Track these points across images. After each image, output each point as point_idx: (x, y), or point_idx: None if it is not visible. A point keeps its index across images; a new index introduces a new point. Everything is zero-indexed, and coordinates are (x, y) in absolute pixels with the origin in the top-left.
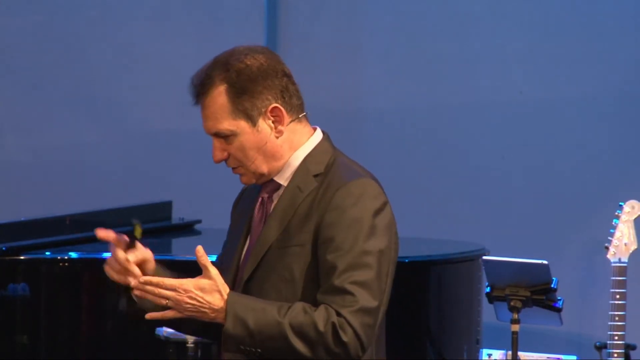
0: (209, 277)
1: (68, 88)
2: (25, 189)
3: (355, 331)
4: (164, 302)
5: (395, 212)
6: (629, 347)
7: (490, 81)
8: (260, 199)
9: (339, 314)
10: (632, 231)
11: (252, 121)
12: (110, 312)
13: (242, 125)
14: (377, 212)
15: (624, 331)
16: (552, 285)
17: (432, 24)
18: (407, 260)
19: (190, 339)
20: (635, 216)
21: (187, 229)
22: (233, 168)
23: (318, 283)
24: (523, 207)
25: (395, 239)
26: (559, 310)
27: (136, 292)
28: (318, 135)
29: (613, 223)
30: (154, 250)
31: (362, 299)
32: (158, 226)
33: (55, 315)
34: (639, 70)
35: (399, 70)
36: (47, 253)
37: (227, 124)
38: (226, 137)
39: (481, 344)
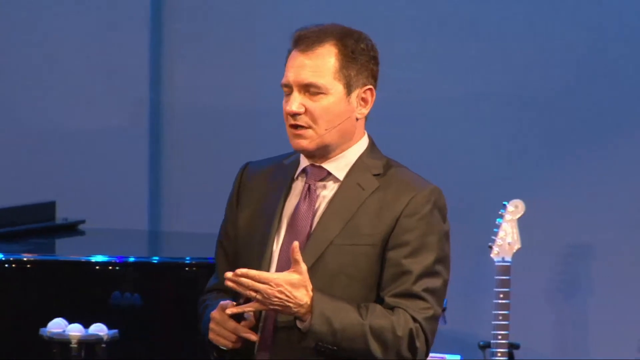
0: (299, 273)
1: None
2: None
3: (426, 338)
4: (253, 294)
5: None
6: (512, 347)
7: (380, 79)
8: (307, 187)
9: (415, 320)
10: (516, 230)
11: (349, 90)
12: None
13: (339, 89)
14: (446, 220)
15: (507, 330)
16: None
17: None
18: None
19: (74, 339)
20: (519, 215)
21: (71, 229)
22: (296, 127)
23: (378, 283)
24: None
25: None
26: (443, 309)
27: (228, 284)
28: (368, 137)
29: (497, 222)
30: (37, 250)
31: (434, 307)
32: (41, 226)
33: None
34: (525, 71)
35: None
36: None
37: (326, 81)
38: (316, 93)
39: None
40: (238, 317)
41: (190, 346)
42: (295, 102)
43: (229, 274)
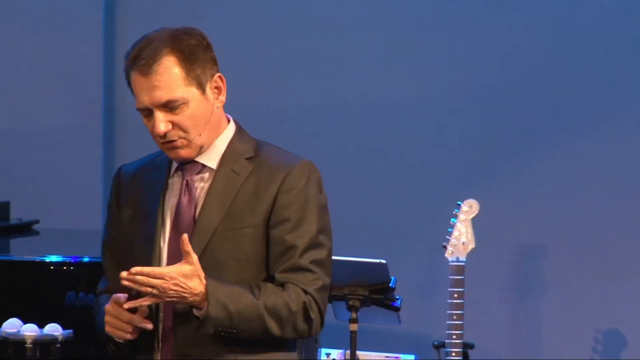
0: (191, 263)
1: None
2: None
3: (319, 308)
4: (149, 290)
5: None
6: (467, 346)
7: (332, 82)
8: (184, 182)
9: (306, 292)
10: (470, 230)
11: (202, 88)
12: None
13: (194, 92)
14: (321, 191)
15: (462, 330)
16: (391, 285)
17: (280, 25)
18: None
19: (29, 339)
20: (473, 215)
21: (25, 229)
22: (169, 142)
23: (268, 261)
24: (361, 206)
25: None
26: (397, 309)
27: (125, 283)
28: (233, 122)
29: (451, 222)
30: None
31: (323, 277)
32: None
33: None
34: (479, 71)
35: (245, 70)
36: None
37: (181, 92)
38: (176, 107)
39: (320, 344)
40: (132, 309)
41: None
42: (162, 123)
43: (124, 274)
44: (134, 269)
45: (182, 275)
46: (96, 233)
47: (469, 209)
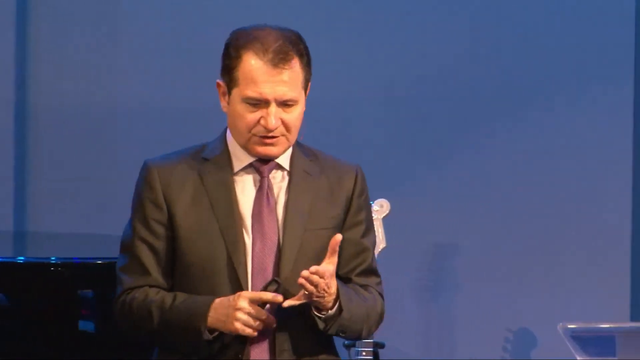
0: (333, 263)
1: None
2: None
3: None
4: (312, 289)
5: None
6: (377, 346)
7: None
8: (265, 181)
9: (382, 297)
10: (381, 230)
11: (306, 92)
12: None
13: (302, 95)
14: None
15: None
16: None
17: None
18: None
19: None
20: (384, 215)
21: None
22: (270, 137)
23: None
24: None
25: None
26: None
27: (302, 282)
28: None
29: None
30: None
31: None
32: None
33: None
34: (390, 70)
35: (167, 68)
36: None
37: (298, 92)
38: (290, 105)
39: None
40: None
41: (57, 345)
42: (275, 118)
43: (305, 273)
44: (313, 268)
45: (331, 275)
46: (7, 233)
47: (379, 208)
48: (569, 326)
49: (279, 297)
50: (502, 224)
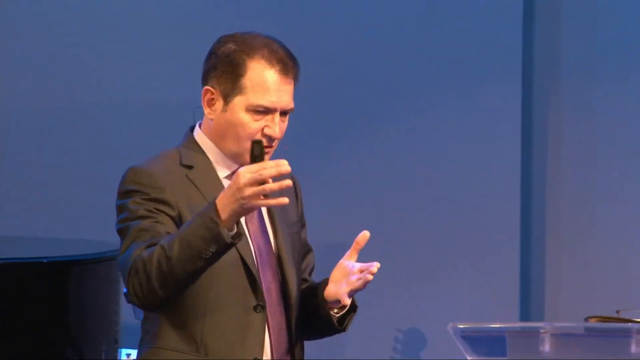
0: (355, 259)
1: None
2: None
3: None
4: (370, 279)
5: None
6: None
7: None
8: None
9: None
10: None
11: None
12: None
13: None
14: None
15: None
16: None
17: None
18: (45, 261)
19: None
20: None
21: None
22: (266, 147)
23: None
24: None
25: None
26: None
27: (368, 277)
28: None
29: None
30: None
31: None
32: None
33: None
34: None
35: (36, 71)
36: None
37: (292, 103)
38: (286, 115)
39: (120, 344)
40: None
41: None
42: (278, 128)
43: (374, 269)
44: (377, 264)
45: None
46: None
47: None
48: (459, 326)
49: (283, 164)
50: (391, 222)
